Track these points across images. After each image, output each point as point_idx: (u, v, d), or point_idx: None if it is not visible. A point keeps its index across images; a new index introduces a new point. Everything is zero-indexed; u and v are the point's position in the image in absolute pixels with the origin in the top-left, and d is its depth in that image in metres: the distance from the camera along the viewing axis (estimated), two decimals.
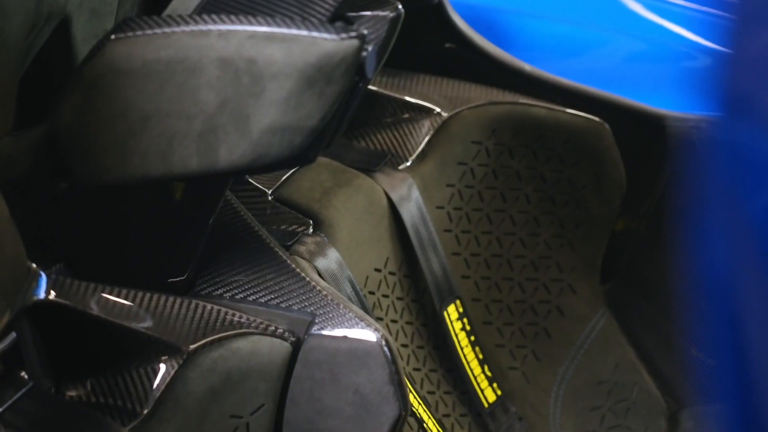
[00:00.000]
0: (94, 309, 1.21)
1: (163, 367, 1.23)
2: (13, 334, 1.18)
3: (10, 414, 1.15)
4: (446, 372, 1.73)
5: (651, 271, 1.86)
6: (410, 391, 1.58)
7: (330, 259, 1.52)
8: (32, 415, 1.16)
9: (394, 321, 1.67)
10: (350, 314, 1.31)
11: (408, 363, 1.67)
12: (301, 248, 1.50)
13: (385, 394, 1.30)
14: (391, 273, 1.67)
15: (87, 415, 1.20)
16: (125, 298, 1.24)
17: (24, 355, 1.20)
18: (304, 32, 1.16)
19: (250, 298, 1.34)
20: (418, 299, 1.72)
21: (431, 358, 1.72)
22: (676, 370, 1.82)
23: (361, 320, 1.31)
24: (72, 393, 1.23)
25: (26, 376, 1.20)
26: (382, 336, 1.30)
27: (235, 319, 1.28)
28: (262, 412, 1.30)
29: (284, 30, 1.16)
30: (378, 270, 1.64)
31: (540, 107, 1.79)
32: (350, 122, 1.75)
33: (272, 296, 1.34)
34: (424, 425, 1.59)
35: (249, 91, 1.16)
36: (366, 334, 1.30)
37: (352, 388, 1.30)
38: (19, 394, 1.18)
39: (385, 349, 1.30)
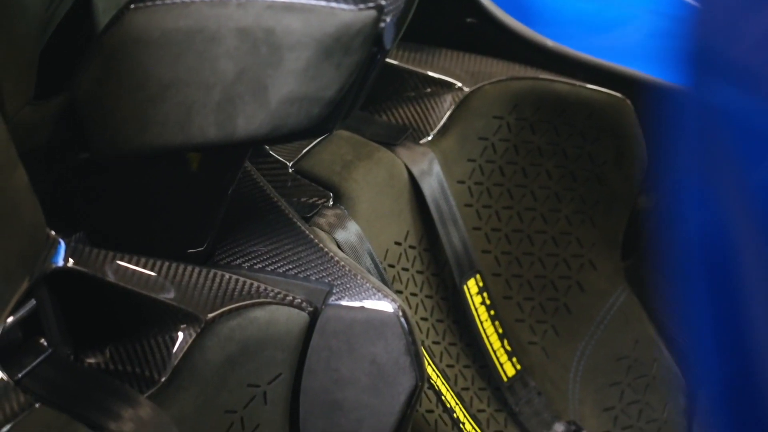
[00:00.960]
0: (113, 276, 1.21)
1: (181, 335, 1.23)
2: (33, 302, 1.19)
3: (29, 380, 1.16)
4: (465, 346, 1.73)
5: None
6: (429, 364, 1.58)
7: (350, 232, 1.52)
8: (51, 382, 1.17)
9: (413, 294, 1.66)
10: (368, 285, 1.31)
11: (427, 336, 1.67)
12: (321, 220, 1.50)
13: (402, 364, 1.29)
14: (411, 246, 1.66)
15: (105, 381, 1.20)
16: (144, 267, 1.24)
17: (43, 323, 1.20)
18: (323, 3, 1.15)
19: (269, 269, 1.33)
20: (438, 273, 1.71)
21: (450, 331, 1.71)
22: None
23: (379, 291, 1.31)
24: (91, 360, 1.24)
25: (45, 343, 1.20)
26: (399, 307, 1.30)
27: (253, 288, 1.28)
28: (280, 381, 1.30)
29: (302, 0, 1.15)
30: (398, 243, 1.64)
31: (562, 83, 1.78)
32: (371, 96, 1.75)
33: (290, 266, 1.33)
34: (443, 397, 1.59)
35: (267, 61, 1.16)
36: (383, 305, 1.30)
37: (368, 358, 1.30)
38: (37, 360, 1.18)
39: (402, 320, 1.29)
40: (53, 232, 1.18)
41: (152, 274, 1.24)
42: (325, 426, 1.32)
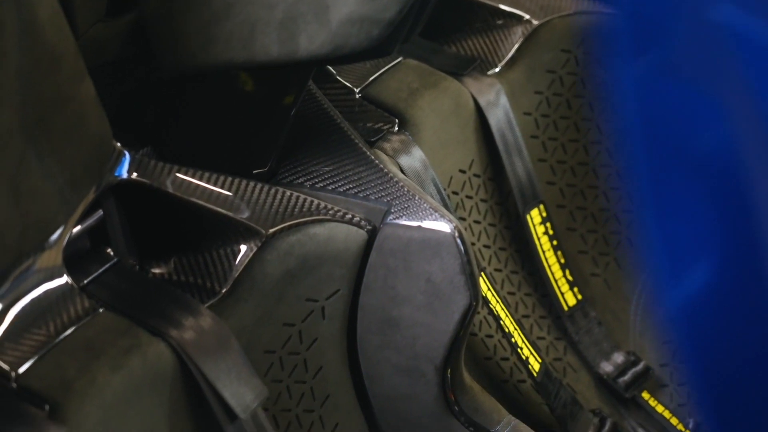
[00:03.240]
0: (176, 189, 1.22)
1: (242, 248, 1.24)
2: (100, 212, 1.21)
3: (94, 286, 1.18)
4: (527, 274, 1.72)
5: None
6: (489, 290, 1.58)
7: (414, 158, 1.52)
8: (115, 289, 1.19)
9: (477, 222, 1.66)
10: (425, 205, 1.31)
11: (489, 263, 1.67)
12: (386, 145, 1.50)
13: (457, 283, 1.30)
14: (475, 175, 1.66)
15: (168, 290, 1.22)
16: (207, 182, 1.25)
17: (110, 232, 1.22)
18: None
19: (330, 187, 1.34)
20: (501, 202, 1.71)
21: (513, 260, 1.71)
22: None
23: (436, 211, 1.31)
24: (155, 270, 1.26)
25: (111, 253, 1.22)
26: (456, 227, 1.30)
27: (314, 205, 1.28)
28: (338, 297, 1.31)
29: None
30: (462, 171, 1.63)
31: None
32: (440, 27, 1.74)
33: (350, 186, 1.34)
34: (501, 322, 1.58)
35: None
36: (440, 224, 1.30)
37: (424, 276, 1.30)
38: (103, 268, 1.20)
39: (458, 240, 1.29)
40: (119, 144, 1.19)
41: (215, 188, 1.25)
42: (381, 342, 1.33)
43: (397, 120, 1.55)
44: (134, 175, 1.20)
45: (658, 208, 0.69)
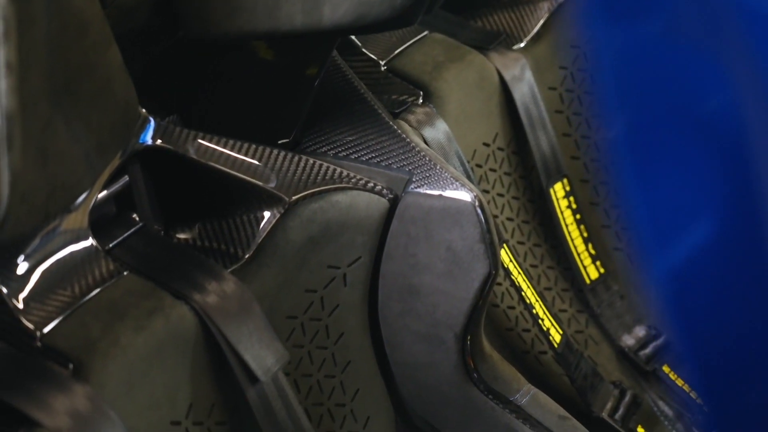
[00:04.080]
0: (201, 156, 1.23)
1: (266, 215, 1.25)
2: (126, 177, 1.22)
3: (119, 250, 1.19)
4: (550, 247, 1.72)
5: None
6: (511, 261, 1.58)
7: (438, 130, 1.52)
8: (139, 253, 1.20)
9: (500, 195, 1.66)
10: (446, 174, 1.31)
11: (512, 236, 1.67)
12: (410, 117, 1.50)
13: (476, 252, 1.30)
14: (499, 149, 1.66)
15: (191, 255, 1.23)
16: (231, 149, 1.26)
17: (135, 198, 1.23)
18: None
19: (352, 156, 1.34)
20: (525, 176, 1.71)
21: (536, 233, 1.71)
22: None
23: (457, 180, 1.31)
24: (179, 236, 1.27)
25: (136, 218, 1.23)
26: (476, 196, 1.30)
27: (336, 173, 1.29)
28: (359, 265, 1.32)
29: None
30: (486, 144, 1.63)
31: None
32: (466, 1, 1.74)
33: (373, 155, 1.34)
34: (523, 294, 1.59)
35: None
36: (460, 194, 1.30)
37: (444, 245, 1.30)
38: (128, 232, 1.21)
39: (478, 209, 1.30)
40: (144, 111, 1.20)
41: (239, 155, 1.26)
42: (402, 310, 1.34)
43: (421, 92, 1.55)
44: (158, 141, 1.21)
45: (657, 169, 0.69)
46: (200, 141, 1.24)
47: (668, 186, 0.68)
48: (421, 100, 1.54)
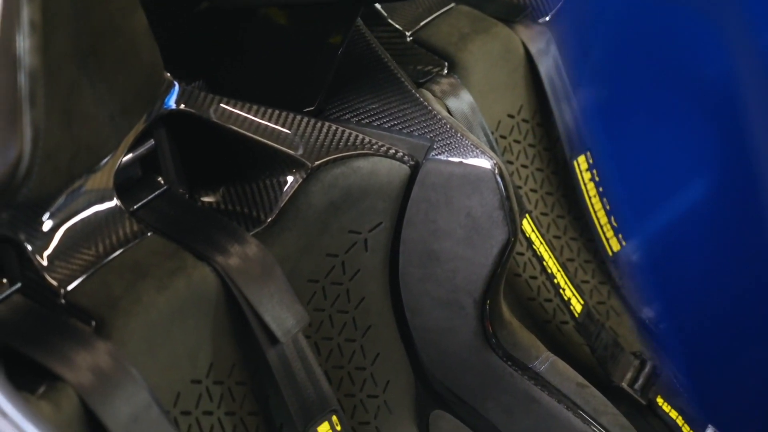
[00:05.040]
0: (224, 120, 1.24)
1: (288, 179, 1.25)
2: (152, 141, 1.22)
3: (144, 211, 1.20)
4: (573, 219, 1.72)
5: None
6: (534, 232, 1.58)
7: (462, 101, 1.52)
8: (163, 214, 1.20)
9: (524, 166, 1.66)
10: (467, 142, 1.31)
11: (536, 207, 1.66)
12: (435, 87, 1.50)
13: (496, 218, 1.30)
14: (524, 120, 1.65)
15: (215, 218, 1.23)
16: (254, 114, 1.26)
17: (160, 161, 1.24)
18: None
19: (375, 124, 1.35)
20: (549, 148, 1.70)
21: (559, 204, 1.70)
22: None
23: (477, 148, 1.31)
24: (203, 199, 1.27)
25: (161, 181, 1.24)
26: (496, 164, 1.30)
27: (358, 140, 1.29)
28: (380, 230, 1.32)
29: None
30: (511, 116, 1.63)
31: None
32: None
33: (395, 122, 1.34)
34: (544, 264, 1.58)
35: None
36: (480, 161, 1.30)
37: (464, 211, 1.30)
38: (153, 195, 1.22)
39: (498, 176, 1.29)
40: (169, 75, 1.21)
41: (263, 121, 1.26)
42: (422, 275, 1.34)
43: (446, 63, 1.55)
44: (183, 105, 1.22)
45: (652, 130, 0.69)
46: (224, 106, 1.24)
47: (662, 149, 0.68)
48: (446, 71, 1.54)
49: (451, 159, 1.31)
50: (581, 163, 1.70)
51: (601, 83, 0.70)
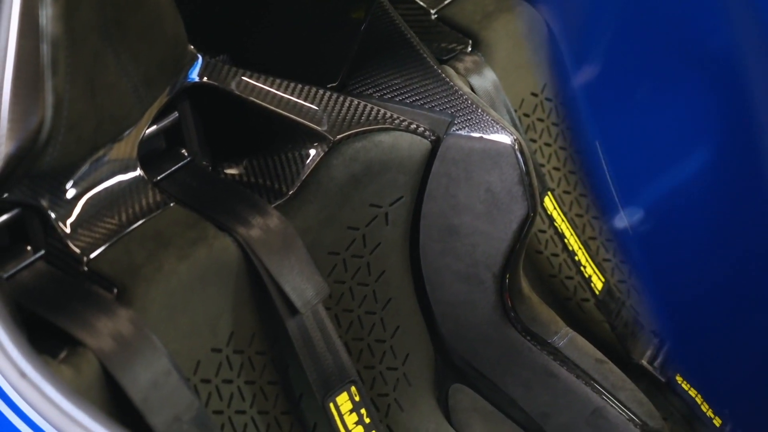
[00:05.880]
0: (247, 94, 1.24)
1: (310, 152, 1.26)
2: (176, 113, 1.22)
3: (167, 182, 1.20)
4: (596, 198, 1.71)
5: None
6: (555, 209, 1.57)
7: (486, 79, 1.51)
8: (186, 186, 1.21)
9: (547, 144, 1.65)
10: (487, 117, 1.31)
11: (558, 186, 1.65)
12: (458, 65, 1.49)
13: (515, 193, 1.29)
14: (547, 99, 1.64)
15: (237, 190, 1.23)
16: (277, 88, 1.26)
17: (184, 133, 1.24)
18: None
19: (397, 99, 1.34)
20: (572, 126, 1.69)
21: (583, 183, 1.70)
22: None
23: (497, 123, 1.30)
24: (226, 171, 1.27)
25: (185, 153, 1.24)
26: (516, 140, 1.29)
27: (380, 114, 1.29)
28: (401, 204, 1.32)
29: None
30: (534, 94, 1.62)
31: None
32: None
33: (417, 98, 1.34)
34: (565, 241, 1.57)
35: None
36: (500, 136, 1.30)
37: (484, 186, 1.30)
38: (176, 166, 1.22)
39: (517, 152, 1.29)
40: (192, 47, 1.21)
41: (285, 94, 1.26)
42: (442, 249, 1.34)
43: (470, 41, 1.54)
44: (206, 78, 1.22)
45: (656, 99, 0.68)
46: (247, 79, 1.24)
47: (664, 119, 0.68)
48: (469, 49, 1.53)
49: (471, 134, 1.30)
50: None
51: (605, 54, 0.69)
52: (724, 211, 0.68)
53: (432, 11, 1.56)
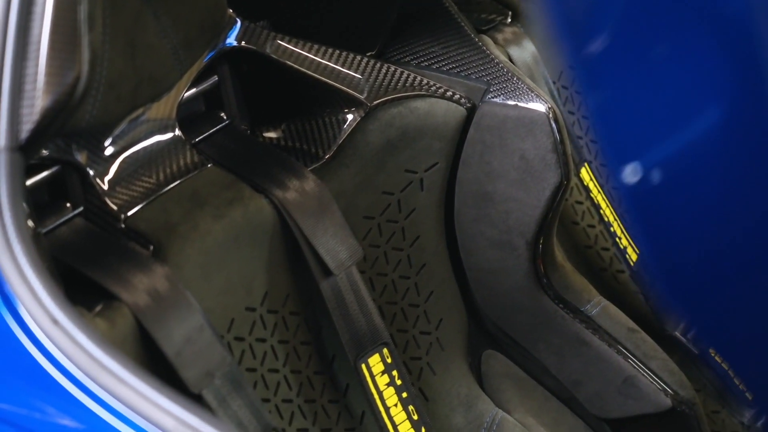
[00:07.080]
0: (285, 58, 1.24)
1: (347, 117, 1.25)
2: (215, 77, 1.23)
3: (205, 144, 1.20)
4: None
5: None
6: (591, 180, 1.56)
7: (525, 50, 1.50)
8: (224, 148, 1.21)
9: (585, 117, 1.63)
10: (523, 85, 1.30)
11: (596, 158, 1.63)
12: (498, 35, 1.48)
13: (549, 161, 1.28)
14: None
15: (274, 153, 1.23)
16: (315, 53, 1.26)
17: (223, 96, 1.24)
18: None
19: (434, 66, 1.34)
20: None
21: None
22: None
23: (532, 91, 1.29)
24: (264, 134, 1.27)
25: (224, 116, 1.24)
26: (550, 108, 1.28)
27: (416, 81, 1.29)
28: (436, 170, 1.31)
29: None
30: (573, 67, 1.60)
31: None
32: None
33: (453, 65, 1.33)
34: (601, 212, 1.56)
35: None
36: (535, 104, 1.29)
37: (518, 153, 1.29)
38: (215, 128, 1.22)
39: (552, 120, 1.28)
40: (231, 11, 1.21)
41: (323, 60, 1.26)
42: (476, 216, 1.33)
43: (510, 12, 1.53)
44: (244, 42, 1.22)
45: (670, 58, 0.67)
46: (285, 44, 1.24)
47: (677, 82, 0.66)
48: (509, 20, 1.52)
49: (506, 102, 1.29)
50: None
51: (618, 18, 0.68)
52: (732, 174, 0.67)
53: None
